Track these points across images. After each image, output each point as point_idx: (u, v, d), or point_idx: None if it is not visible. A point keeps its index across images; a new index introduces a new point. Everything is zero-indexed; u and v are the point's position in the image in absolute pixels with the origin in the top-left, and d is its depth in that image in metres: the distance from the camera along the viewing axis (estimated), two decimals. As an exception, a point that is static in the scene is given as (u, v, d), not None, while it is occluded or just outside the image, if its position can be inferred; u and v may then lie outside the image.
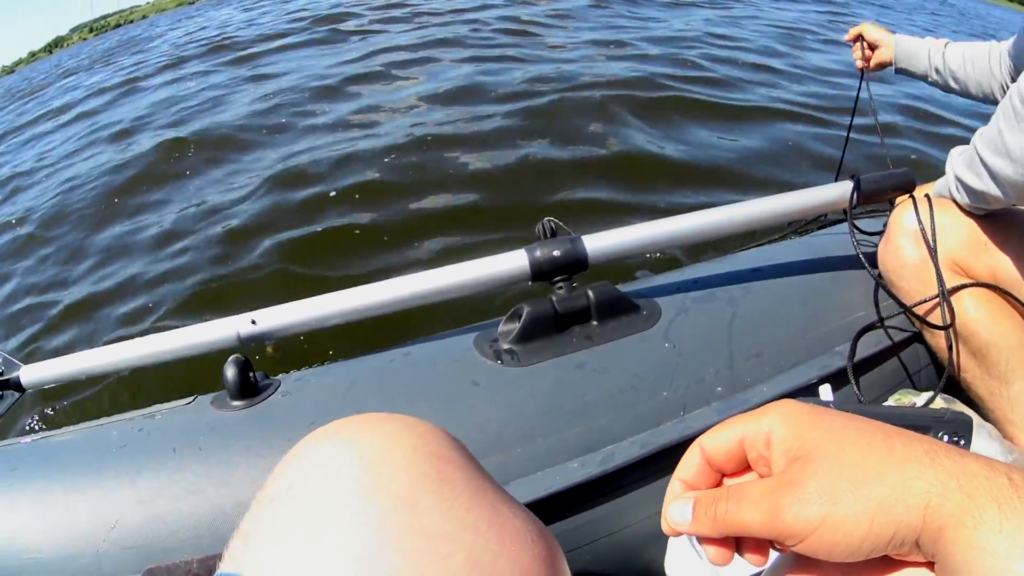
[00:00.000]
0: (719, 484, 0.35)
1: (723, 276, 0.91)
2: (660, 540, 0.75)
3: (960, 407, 0.87)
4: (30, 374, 0.87)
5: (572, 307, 0.81)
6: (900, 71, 1.37)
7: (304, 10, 8.15)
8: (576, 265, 0.81)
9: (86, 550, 0.65)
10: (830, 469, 0.28)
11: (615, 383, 0.77)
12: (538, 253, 0.81)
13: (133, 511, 0.67)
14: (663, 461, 0.77)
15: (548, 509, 0.72)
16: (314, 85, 4.26)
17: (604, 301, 0.81)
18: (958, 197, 0.86)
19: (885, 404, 0.86)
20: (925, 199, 0.90)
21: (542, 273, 0.81)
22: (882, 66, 1.40)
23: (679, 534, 0.34)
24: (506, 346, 0.80)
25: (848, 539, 0.26)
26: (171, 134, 3.80)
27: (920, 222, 0.87)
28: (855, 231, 0.89)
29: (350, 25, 6.59)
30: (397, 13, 6.87)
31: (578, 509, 0.75)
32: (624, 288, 0.86)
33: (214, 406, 0.78)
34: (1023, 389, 0.86)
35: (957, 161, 0.85)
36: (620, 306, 0.82)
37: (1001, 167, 0.76)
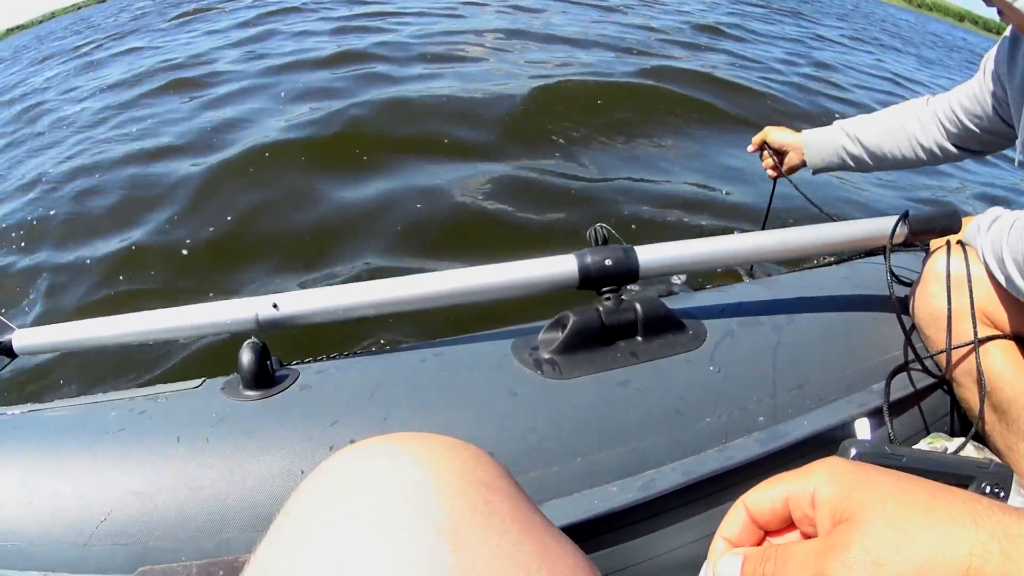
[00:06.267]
0: (762, 541, 0.35)
1: (768, 302, 0.89)
2: (694, 570, 0.72)
3: (989, 455, 0.86)
4: (23, 339, 0.79)
5: (619, 320, 0.77)
6: (818, 171, 1.33)
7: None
8: (627, 276, 0.77)
9: (74, 542, 0.59)
10: (874, 532, 0.27)
11: (659, 405, 0.74)
12: (588, 259, 0.77)
13: (128, 503, 0.61)
14: (702, 490, 0.74)
15: (583, 532, 0.68)
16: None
17: (652, 317, 0.78)
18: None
19: (920, 447, 0.85)
20: (959, 247, 0.89)
21: (590, 281, 0.77)
22: (795, 170, 1.36)
23: None
24: (547, 355, 0.76)
25: None
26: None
27: (955, 270, 0.87)
28: (892, 273, 0.88)
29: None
30: None
31: (613, 534, 0.71)
32: (669, 304, 0.83)
33: (225, 393, 0.71)
34: None
35: (987, 248, 0.84)
36: (667, 324, 0.79)
37: None
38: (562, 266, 0.77)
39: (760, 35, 6.82)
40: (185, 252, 2.07)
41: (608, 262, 0.76)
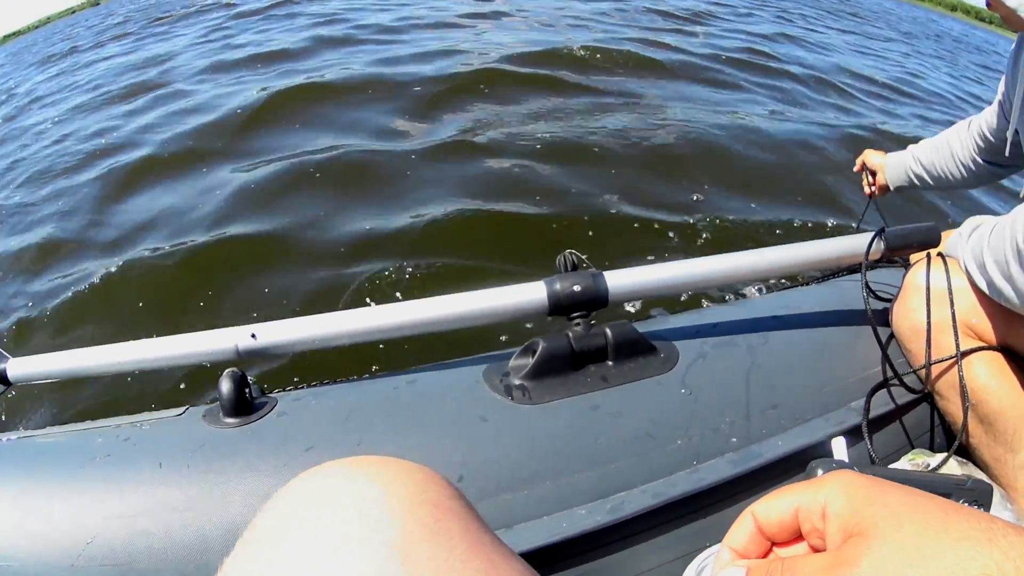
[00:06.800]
0: (768, 552, 0.34)
1: (742, 322, 0.89)
2: None
3: (972, 470, 0.85)
4: (17, 368, 0.82)
5: (589, 345, 0.78)
6: (898, 190, 1.45)
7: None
8: (596, 302, 0.78)
9: (62, 563, 0.61)
10: (886, 548, 0.27)
11: (630, 428, 0.75)
12: (558, 286, 0.78)
13: (113, 526, 0.63)
14: (673, 512, 0.74)
15: (553, 555, 0.69)
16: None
17: (622, 342, 0.79)
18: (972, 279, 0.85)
19: (899, 467, 0.84)
20: (940, 259, 0.89)
21: (560, 307, 0.78)
22: (885, 190, 1.48)
23: None
24: (518, 381, 0.77)
25: None
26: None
27: (935, 283, 0.86)
28: (868, 288, 0.87)
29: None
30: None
31: (583, 557, 0.72)
32: (642, 328, 0.84)
33: (206, 421, 0.74)
34: None
35: (967, 255, 0.84)
36: (638, 347, 0.80)
37: (1008, 293, 0.76)
38: (532, 293, 0.78)
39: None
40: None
41: (577, 288, 0.78)
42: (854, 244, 0.88)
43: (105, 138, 3.70)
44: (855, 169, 1.54)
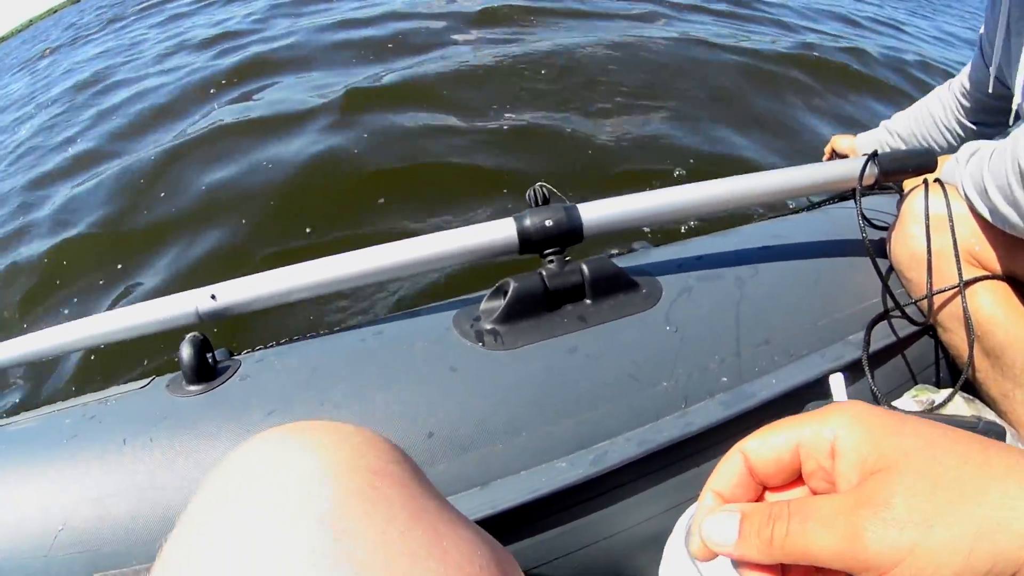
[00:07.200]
0: (760, 499, 0.29)
1: (730, 254, 0.83)
2: (653, 547, 0.67)
3: (980, 407, 0.80)
4: None
5: (564, 283, 0.72)
6: None
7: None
8: (570, 236, 0.72)
9: (36, 553, 0.58)
10: (921, 485, 0.22)
11: (610, 371, 0.69)
12: (527, 222, 0.72)
13: (82, 510, 0.60)
14: (661, 460, 0.69)
15: (533, 513, 0.64)
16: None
17: (600, 277, 0.72)
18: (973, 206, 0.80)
19: (902, 404, 0.79)
20: (938, 184, 0.83)
21: (531, 244, 0.72)
22: None
23: (713, 556, 0.27)
24: (489, 326, 0.71)
25: (941, 572, 0.21)
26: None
27: (934, 209, 0.80)
28: (863, 215, 0.81)
29: None
30: None
31: (565, 512, 0.67)
32: (622, 263, 0.77)
33: (169, 390, 0.70)
34: None
35: (967, 181, 0.79)
36: (618, 283, 0.74)
37: (1014, 219, 0.71)
38: (500, 231, 0.72)
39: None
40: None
41: (548, 223, 0.71)
42: (847, 168, 0.82)
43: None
44: (824, 158, 1.45)
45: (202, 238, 1.96)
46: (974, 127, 1.18)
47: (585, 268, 0.72)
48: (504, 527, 0.62)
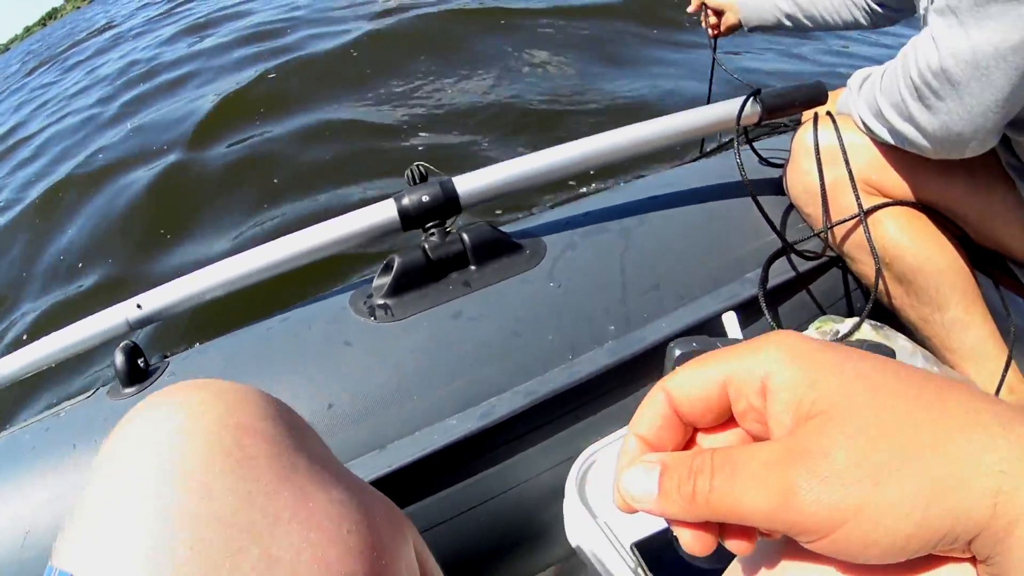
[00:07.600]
0: (691, 443, 0.25)
1: (616, 208, 0.85)
2: (554, 500, 0.69)
3: (889, 332, 0.80)
4: None
5: (447, 252, 0.75)
6: (753, 30, 1.31)
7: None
8: (447, 207, 0.75)
9: (9, 558, 0.64)
10: (866, 432, 0.19)
11: (495, 331, 0.72)
12: (406, 200, 0.75)
13: (44, 515, 0.65)
14: (551, 412, 0.71)
15: (429, 470, 0.67)
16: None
17: (481, 243, 0.75)
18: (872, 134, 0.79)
19: (809, 334, 0.80)
20: (828, 117, 0.83)
21: (412, 220, 0.75)
22: (733, 29, 1.35)
23: (634, 511, 0.23)
24: (380, 301, 0.75)
25: (890, 537, 0.18)
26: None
27: (826, 141, 0.80)
28: (757, 154, 0.82)
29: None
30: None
31: (464, 468, 0.70)
32: (509, 229, 0.80)
33: (110, 396, 0.75)
34: (959, 315, 0.79)
35: (862, 107, 0.78)
36: (500, 247, 0.77)
37: (912, 135, 0.71)
38: (382, 213, 0.76)
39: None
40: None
41: (425, 198, 0.75)
42: (727, 109, 0.83)
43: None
44: (690, 9, 1.35)
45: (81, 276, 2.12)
46: (882, 10, 1.10)
47: (465, 236, 0.75)
48: (403, 487, 0.66)
